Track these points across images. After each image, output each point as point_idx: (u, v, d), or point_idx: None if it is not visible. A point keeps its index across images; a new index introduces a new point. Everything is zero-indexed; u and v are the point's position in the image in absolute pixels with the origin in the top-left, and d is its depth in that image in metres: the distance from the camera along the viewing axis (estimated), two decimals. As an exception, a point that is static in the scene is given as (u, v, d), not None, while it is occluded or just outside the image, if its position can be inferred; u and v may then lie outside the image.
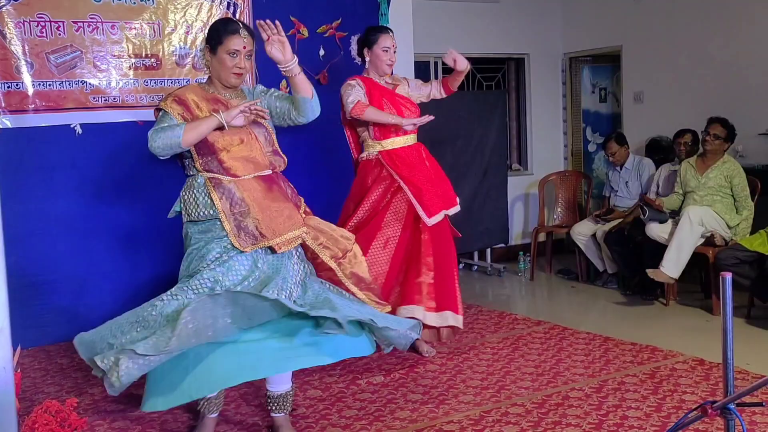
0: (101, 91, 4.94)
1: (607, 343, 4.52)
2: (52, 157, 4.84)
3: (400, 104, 4.37)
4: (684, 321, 5.10)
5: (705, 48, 6.35)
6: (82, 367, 4.42)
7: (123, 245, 5.06)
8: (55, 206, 4.87)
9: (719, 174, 5.35)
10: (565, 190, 7.15)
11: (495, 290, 6.38)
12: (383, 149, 4.33)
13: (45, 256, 4.85)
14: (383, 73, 4.37)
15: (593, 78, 7.80)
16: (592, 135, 7.81)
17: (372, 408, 3.64)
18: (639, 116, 7.01)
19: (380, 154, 4.34)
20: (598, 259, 6.16)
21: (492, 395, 3.76)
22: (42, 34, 4.75)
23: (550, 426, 3.34)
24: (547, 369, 4.12)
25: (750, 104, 5.96)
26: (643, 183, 6.22)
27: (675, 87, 6.64)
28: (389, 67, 4.35)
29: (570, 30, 7.61)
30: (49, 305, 4.86)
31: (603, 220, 6.15)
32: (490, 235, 6.88)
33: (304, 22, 5.48)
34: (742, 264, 4.87)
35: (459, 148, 6.58)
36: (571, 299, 5.99)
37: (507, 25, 7.37)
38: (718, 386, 3.74)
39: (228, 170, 3.12)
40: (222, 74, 3.20)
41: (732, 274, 1.91)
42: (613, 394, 3.69)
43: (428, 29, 6.65)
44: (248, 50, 3.20)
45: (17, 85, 4.72)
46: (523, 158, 7.80)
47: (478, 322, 5.12)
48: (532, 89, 7.65)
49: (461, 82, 4.51)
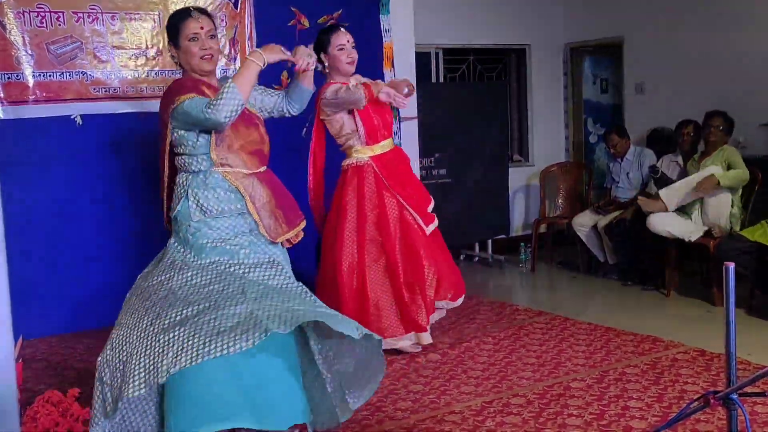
0: (102, 82, 4.93)
1: (608, 334, 4.53)
2: (52, 148, 4.83)
3: (383, 110, 4.23)
4: (685, 311, 5.10)
5: (706, 39, 6.34)
6: (84, 358, 4.44)
7: (124, 236, 5.06)
8: (54, 197, 4.87)
9: (715, 160, 5.38)
10: (566, 181, 7.14)
11: (496, 281, 6.38)
12: (374, 154, 4.22)
13: (45, 247, 4.85)
14: (347, 73, 4.14)
15: (594, 69, 7.79)
16: (594, 126, 7.80)
17: (373, 398, 3.63)
18: (640, 107, 6.99)
19: (372, 160, 4.21)
20: (599, 250, 6.16)
21: (493, 386, 3.76)
22: (42, 25, 4.73)
23: (552, 416, 3.35)
24: (549, 359, 4.12)
25: (751, 95, 5.94)
26: (644, 174, 6.21)
27: (676, 78, 6.63)
28: (351, 66, 4.12)
29: (571, 20, 7.59)
30: (49, 296, 4.86)
31: (604, 211, 6.15)
32: (491, 226, 6.89)
33: (305, 12, 5.46)
34: (743, 255, 4.87)
35: (460, 140, 6.57)
36: (572, 290, 6.00)
37: (508, 16, 7.35)
38: (719, 376, 3.74)
39: (244, 164, 3.10)
40: (193, 64, 3.07)
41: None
42: (615, 385, 3.70)
43: (429, 20, 6.62)
44: (207, 30, 3.08)
45: (17, 76, 4.71)
46: (524, 149, 7.79)
47: (480, 313, 5.12)
48: (533, 80, 7.64)
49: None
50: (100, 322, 5.01)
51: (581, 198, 7.09)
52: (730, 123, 5.41)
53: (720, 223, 5.25)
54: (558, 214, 7.04)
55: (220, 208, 3.03)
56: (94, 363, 4.28)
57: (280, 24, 5.40)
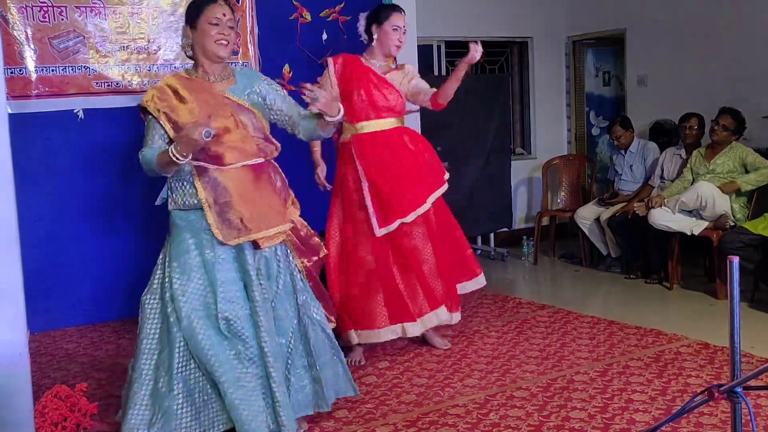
0: (104, 76, 4.93)
1: (611, 327, 4.53)
2: (54, 143, 4.84)
3: (376, 89, 4.08)
4: (688, 305, 5.10)
5: (709, 31, 6.31)
6: (88, 352, 4.46)
7: (126, 230, 5.07)
8: (57, 191, 4.88)
9: (727, 160, 5.36)
10: (568, 174, 7.14)
11: (498, 274, 6.38)
12: (356, 133, 4.09)
13: (49, 241, 4.86)
14: (388, 54, 4.12)
15: (597, 61, 7.76)
16: (596, 119, 7.78)
17: (377, 392, 3.65)
18: (643, 100, 6.98)
19: (352, 138, 4.10)
20: (601, 243, 6.15)
21: (497, 379, 3.77)
22: (45, 20, 4.73)
23: (555, 410, 3.36)
24: (552, 353, 4.13)
25: (755, 87, 5.93)
26: (647, 167, 6.20)
27: (679, 70, 6.61)
28: (397, 49, 4.11)
29: (573, 13, 7.57)
30: (53, 290, 4.88)
31: (610, 203, 6.15)
32: (494, 219, 6.88)
33: (307, 6, 5.46)
34: (746, 247, 4.87)
35: (462, 132, 6.56)
36: (575, 283, 6.00)
37: (510, 8, 7.33)
38: (723, 369, 3.75)
39: (214, 158, 3.00)
40: (207, 45, 3.03)
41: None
42: (618, 378, 3.70)
43: (432, 12, 6.60)
44: (229, 19, 3.06)
45: (20, 70, 4.71)
46: (526, 142, 7.78)
47: (482, 306, 5.13)
48: (535, 73, 7.62)
49: (453, 92, 4.17)
50: (104, 317, 5.05)
51: (584, 191, 7.09)
52: (739, 122, 5.38)
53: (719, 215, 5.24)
54: (560, 207, 7.03)
55: (183, 201, 3.03)
56: (97, 357, 4.33)
57: (282, 17, 5.39)
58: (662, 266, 5.61)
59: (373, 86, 4.10)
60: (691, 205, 5.25)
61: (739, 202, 5.31)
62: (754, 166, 5.28)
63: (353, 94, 4.07)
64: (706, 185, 5.24)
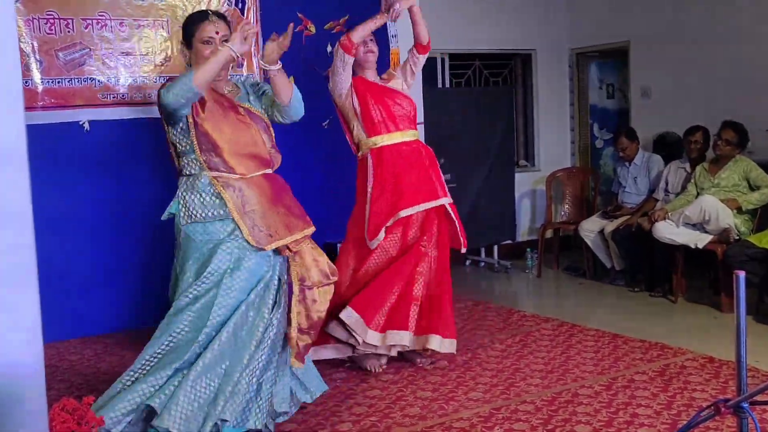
0: (110, 88, 4.95)
1: (615, 341, 4.52)
2: (60, 154, 4.85)
3: (389, 100, 4.17)
4: (693, 318, 5.09)
5: (712, 43, 6.33)
6: (92, 363, 4.45)
7: (131, 243, 5.07)
8: (62, 203, 4.88)
9: (732, 173, 5.36)
10: (572, 186, 7.14)
11: (502, 287, 6.37)
12: (375, 146, 4.14)
13: (52, 253, 4.84)
14: (370, 68, 4.21)
15: (600, 74, 7.78)
16: (600, 131, 7.79)
17: (382, 405, 3.65)
18: (646, 112, 6.98)
19: (370, 152, 4.14)
20: (605, 256, 6.14)
21: (502, 392, 3.76)
22: (51, 32, 4.75)
23: (560, 423, 3.34)
24: (557, 366, 4.12)
25: (758, 99, 5.93)
26: (651, 179, 6.20)
27: (682, 83, 6.62)
28: (372, 57, 4.19)
29: (577, 25, 7.59)
30: (56, 302, 4.87)
31: (614, 216, 6.14)
32: (497, 232, 6.88)
33: (312, 18, 5.48)
34: (751, 261, 4.85)
35: (466, 144, 6.57)
36: (579, 296, 5.99)
37: (514, 21, 7.35)
38: (728, 384, 3.73)
39: (233, 168, 3.06)
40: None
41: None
42: (623, 392, 3.69)
43: (435, 25, 6.56)
44: (222, 35, 3.07)
45: (26, 82, 4.72)
46: (530, 154, 7.79)
47: (486, 319, 5.12)
48: (539, 85, 7.63)
49: (425, 46, 4.40)
50: (107, 328, 5.05)
51: (587, 203, 7.09)
52: (742, 135, 5.39)
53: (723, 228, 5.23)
54: (564, 220, 7.03)
55: (204, 214, 3.04)
56: (102, 368, 4.32)
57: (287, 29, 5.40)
58: (667, 279, 5.60)
59: (386, 98, 4.19)
60: (694, 218, 5.25)
61: (743, 216, 5.30)
62: (756, 184, 5.29)
63: (371, 111, 4.13)
64: (710, 199, 5.24)
